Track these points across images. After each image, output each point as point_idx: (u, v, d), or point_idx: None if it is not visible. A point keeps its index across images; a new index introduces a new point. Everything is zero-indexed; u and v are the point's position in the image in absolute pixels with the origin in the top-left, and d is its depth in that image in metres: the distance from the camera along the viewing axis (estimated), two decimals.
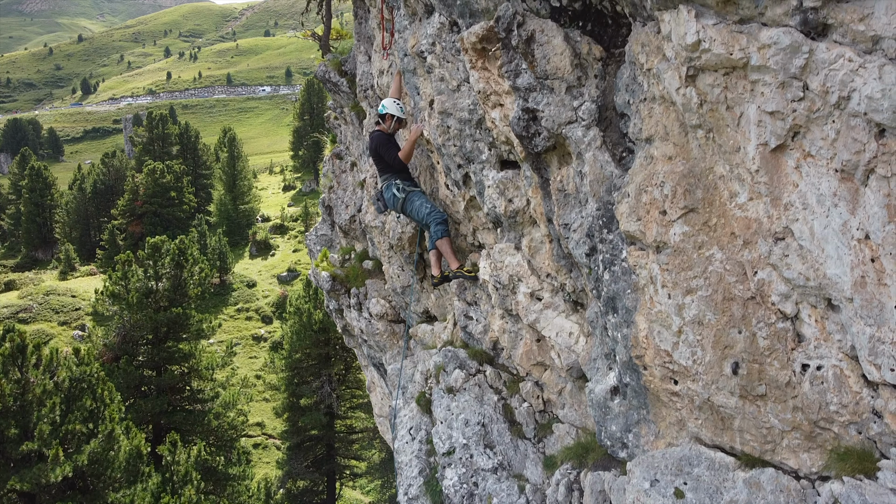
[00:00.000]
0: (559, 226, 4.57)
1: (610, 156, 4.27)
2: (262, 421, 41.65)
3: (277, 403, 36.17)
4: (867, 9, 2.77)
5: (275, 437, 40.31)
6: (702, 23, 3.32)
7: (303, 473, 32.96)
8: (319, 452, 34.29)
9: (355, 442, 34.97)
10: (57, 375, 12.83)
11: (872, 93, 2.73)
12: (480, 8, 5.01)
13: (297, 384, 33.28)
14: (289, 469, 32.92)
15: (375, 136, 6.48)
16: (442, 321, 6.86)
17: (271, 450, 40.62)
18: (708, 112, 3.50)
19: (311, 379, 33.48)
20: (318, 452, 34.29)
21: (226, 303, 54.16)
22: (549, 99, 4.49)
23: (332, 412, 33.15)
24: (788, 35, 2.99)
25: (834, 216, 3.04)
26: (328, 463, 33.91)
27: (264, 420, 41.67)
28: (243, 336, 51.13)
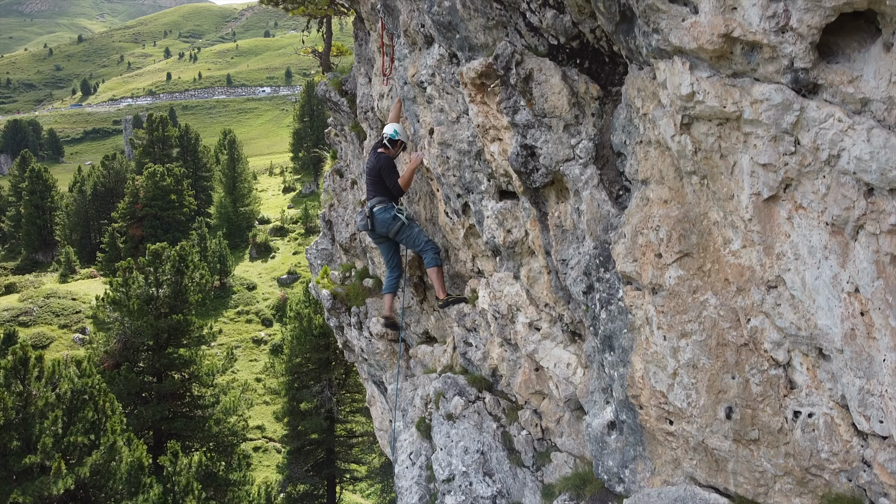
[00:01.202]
0: (557, 261, 4.64)
1: (607, 194, 4.34)
2: (263, 424, 41.73)
3: (278, 407, 36.25)
4: (856, 71, 2.84)
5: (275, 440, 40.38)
6: (696, 75, 3.39)
7: (303, 478, 33.04)
8: (320, 456, 34.36)
9: (355, 446, 35.05)
10: (59, 387, 12.92)
11: (861, 154, 2.80)
12: (479, 43, 5.08)
13: (297, 388, 33.36)
14: (289, 473, 33.00)
15: (383, 157, 6.56)
16: (442, 343, 6.94)
17: (271, 453, 40.70)
18: (702, 159, 3.57)
19: (312, 383, 33.56)
20: (319, 456, 34.37)
21: (226, 305, 54.26)
22: (547, 136, 4.56)
23: (332, 416, 33.23)
24: (780, 93, 3.06)
25: (825, 268, 3.11)
26: (328, 467, 33.98)
27: (265, 423, 41.75)
28: (243, 339, 51.22)
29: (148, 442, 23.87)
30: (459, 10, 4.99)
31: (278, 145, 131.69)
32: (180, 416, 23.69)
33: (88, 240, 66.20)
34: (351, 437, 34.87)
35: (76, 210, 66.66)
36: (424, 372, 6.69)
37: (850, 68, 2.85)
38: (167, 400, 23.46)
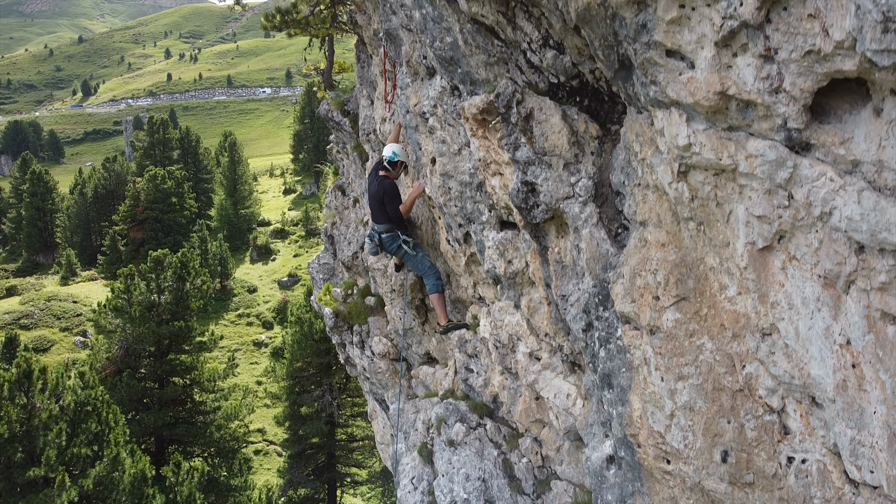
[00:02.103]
0: (557, 296, 4.72)
1: (606, 233, 4.42)
2: (264, 427, 41.86)
3: (279, 411, 36.37)
4: (847, 133, 2.92)
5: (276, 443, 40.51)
6: (692, 127, 3.47)
7: (304, 482, 33.18)
8: (320, 461, 34.50)
9: (356, 450, 35.18)
10: (62, 399, 13.01)
11: (852, 214, 2.88)
12: (481, 78, 5.17)
13: (298, 393, 33.49)
14: (290, 478, 33.13)
15: (386, 183, 6.59)
16: (443, 366, 7.02)
17: (272, 456, 40.83)
18: (699, 207, 3.65)
19: (313, 388, 33.69)
20: (319, 460, 34.51)
21: (227, 308, 54.37)
22: (548, 174, 4.64)
23: (332, 421, 33.35)
24: (774, 150, 3.14)
25: (817, 319, 3.19)
26: (329, 471, 34.12)
27: (265, 426, 41.87)
28: (244, 342, 51.33)
29: (149, 448, 23.96)
30: (461, 46, 5.08)
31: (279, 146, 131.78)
32: (182, 422, 23.77)
33: (89, 242, 66.29)
34: (352, 441, 35.00)
35: (77, 212, 66.76)
36: (426, 395, 6.78)
37: (842, 129, 2.93)
38: (168, 406, 23.54)
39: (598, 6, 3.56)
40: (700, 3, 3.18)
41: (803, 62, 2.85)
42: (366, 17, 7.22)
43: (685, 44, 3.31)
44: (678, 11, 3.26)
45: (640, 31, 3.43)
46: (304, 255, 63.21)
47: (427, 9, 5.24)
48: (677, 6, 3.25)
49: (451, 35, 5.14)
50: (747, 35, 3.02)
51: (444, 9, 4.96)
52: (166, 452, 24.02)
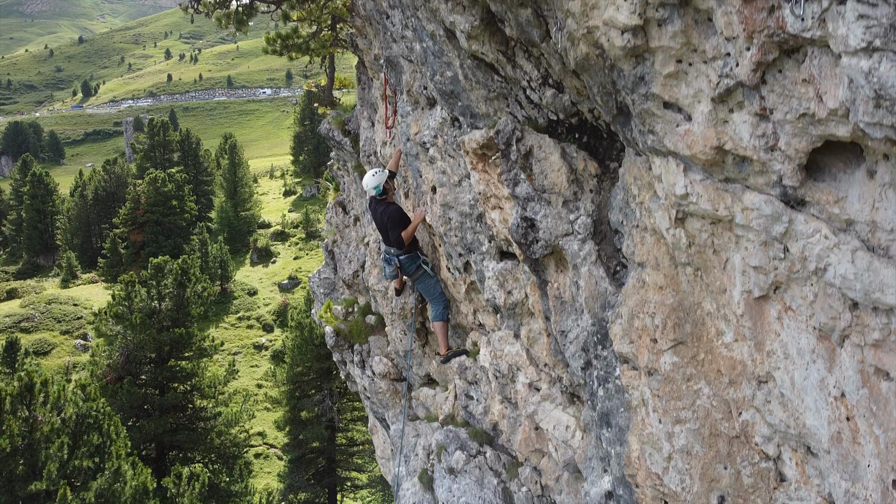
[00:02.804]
0: (556, 331, 4.76)
1: (604, 271, 4.47)
2: (264, 430, 41.88)
3: (279, 416, 36.43)
4: (842, 192, 2.96)
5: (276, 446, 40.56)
6: (690, 177, 3.52)
7: (304, 486, 33.24)
8: (321, 465, 34.57)
9: (356, 454, 35.24)
10: (64, 411, 13.07)
11: (846, 273, 2.92)
12: (481, 112, 5.21)
13: (298, 397, 33.56)
14: (290, 482, 33.19)
15: (391, 210, 6.55)
16: (444, 389, 7.07)
17: (272, 460, 40.86)
18: (696, 253, 3.70)
19: (313, 392, 33.75)
20: (320, 465, 34.57)
21: (227, 311, 54.41)
22: (547, 211, 4.68)
23: (333, 425, 33.42)
24: (770, 205, 3.18)
25: (812, 371, 3.24)
26: (329, 475, 34.18)
27: (266, 429, 41.90)
28: (244, 345, 51.38)
29: (150, 454, 24.02)
30: (462, 80, 5.12)
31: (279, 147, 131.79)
32: (182, 428, 23.83)
33: (90, 244, 66.35)
34: (352, 445, 35.06)
35: (77, 214, 66.82)
36: (427, 419, 6.82)
37: (836, 188, 2.98)
38: (169, 412, 23.60)
39: (596, 57, 3.60)
40: (697, 60, 3.22)
41: (798, 124, 2.89)
42: (366, 42, 7.26)
43: (682, 97, 3.36)
44: (675, 66, 3.30)
45: (637, 82, 3.48)
46: (305, 257, 63.28)
47: (427, 43, 5.29)
48: (675, 61, 3.29)
49: (452, 69, 5.18)
50: (743, 93, 3.07)
51: (445, 44, 5.01)
52: (167, 459, 24.08)
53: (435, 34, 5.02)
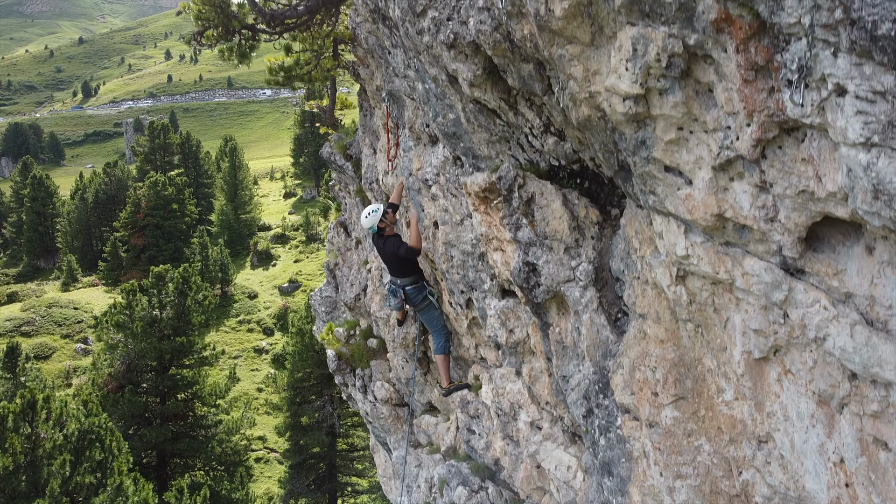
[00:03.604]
0: (558, 376, 4.80)
1: (606, 318, 4.50)
2: (265, 435, 41.91)
3: (279, 421, 36.47)
4: (841, 265, 3.00)
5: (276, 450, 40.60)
6: (690, 239, 3.55)
7: (305, 492, 33.29)
8: (321, 470, 34.62)
9: (357, 459, 35.28)
10: (66, 427, 13.11)
11: (845, 346, 2.96)
12: (483, 154, 5.25)
13: (298, 404, 33.61)
14: (290, 488, 33.25)
15: (393, 242, 6.49)
16: (445, 419, 7.10)
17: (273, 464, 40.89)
18: (697, 311, 3.73)
19: (314, 398, 33.81)
20: (320, 470, 34.62)
21: (227, 314, 54.41)
22: (549, 257, 4.72)
23: (333, 431, 33.48)
24: (770, 272, 3.22)
25: (812, 435, 3.27)
26: (330, 481, 34.23)
27: (266, 433, 41.94)
28: (245, 348, 51.40)
29: (151, 462, 24.06)
30: (464, 123, 5.16)
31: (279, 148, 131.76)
32: (183, 437, 23.87)
33: (90, 247, 66.36)
34: (352, 450, 35.09)
35: (78, 217, 66.85)
36: (429, 450, 6.86)
37: (836, 260, 3.01)
38: (170, 421, 23.64)
39: (598, 119, 3.64)
40: (698, 129, 3.26)
41: (797, 199, 2.93)
42: (368, 72, 7.29)
43: (683, 163, 3.39)
44: (676, 133, 3.34)
45: (639, 146, 3.52)
46: (305, 260, 63.29)
47: (430, 84, 5.33)
48: (675, 128, 3.33)
49: (454, 112, 5.22)
50: (743, 165, 3.10)
51: (447, 88, 5.04)
52: (168, 467, 24.12)
53: (437, 78, 5.06)
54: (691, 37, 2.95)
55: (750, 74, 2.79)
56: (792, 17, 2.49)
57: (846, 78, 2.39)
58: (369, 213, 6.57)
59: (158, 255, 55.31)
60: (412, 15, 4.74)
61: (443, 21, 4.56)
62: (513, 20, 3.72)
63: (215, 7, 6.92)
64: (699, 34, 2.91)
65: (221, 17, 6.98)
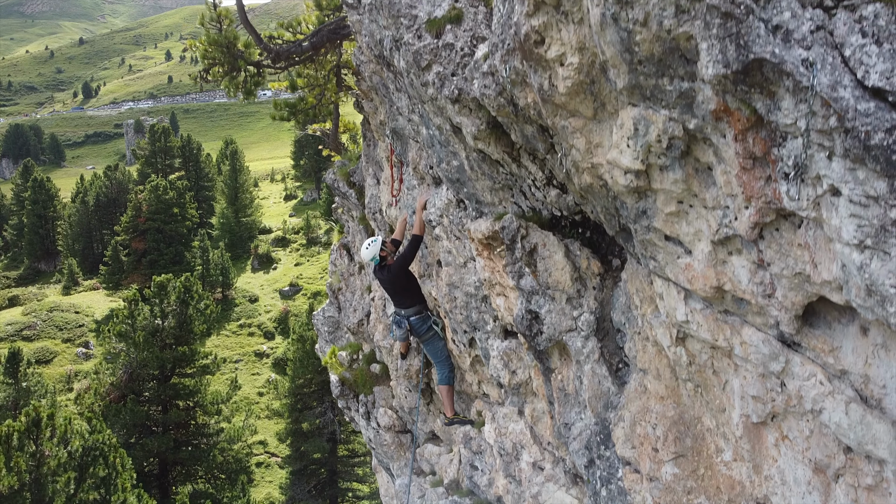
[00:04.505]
0: (560, 423, 4.88)
1: (607, 369, 4.58)
2: (265, 439, 42.00)
3: (280, 427, 36.57)
4: (836, 342, 3.08)
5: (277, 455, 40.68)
6: (690, 306, 3.63)
7: (305, 498, 33.38)
8: (322, 476, 34.71)
9: (358, 465, 35.38)
10: (70, 444, 13.20)
11: (840, 422, 3.04)
12: (486, 200, 5.33)
13: (299, 410, 33.71)
14: (292, 494, 33.34)
15: (394, 267, 6.49)
16: (448, 451, 7.19)
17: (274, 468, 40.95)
18: (696, 372, 3.82)
19: (315, 404, 33.90)
20: (321, 476, 34.71)
21: (228, 318, 54.47)
22: (551, 306, 4.80)
23: (334, 437, 33.58)
24: (767, 344, 3.30)
25: (809, 501, 3.36)
26: (331, 487, 34.33)
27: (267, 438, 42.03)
28: (245, 352, 51.48)
29: (153, 470, 24.15)
30: (467, 170, 5.24)
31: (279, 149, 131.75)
32: (185, 445, 23.97)
33: (91, 250, 66.43)
34: (353, 456, 35.19)
35: (79, 220, 66.93)
36: (432, 483, 6.95)
37: (831, 337, 3.09)
38: (172, 430, 23.73)
39: (599, 187, 3.72)
40: (697, 204, 3.34)
41: (794, 280, 3.01)
42: (372, 106, 7.37)
43: (683, 234, 3.48)
44: (677, 206, 3.42)
45: (640, 215, 3.60)
46: (306, 263, 63.36)
47: (434, 131, 5.41)
48: (676, 202, 3.41)
49: (458, 159, 5.30)
50: (742, 243, 3.19)
51: (451, 136, 5.13)
52: (170, 475, 24.21)
53: (441, 127, 5.14)
54: (691, 121, 3.03)
55: (748, 163, 2.88)
56: (788, 118, 2.57)
57: (840, 181, 2.48)
58: (369, 244, 6.62)
59: (159, 259, 55.40)
60: (417, 68, 4.82)
61: (447, 76, 4.65)
62: (516, 88, 3.81)
63: (221, 47, 7.02)
64: (699, 120, 3.00)
65: (228, 56, 7.08)
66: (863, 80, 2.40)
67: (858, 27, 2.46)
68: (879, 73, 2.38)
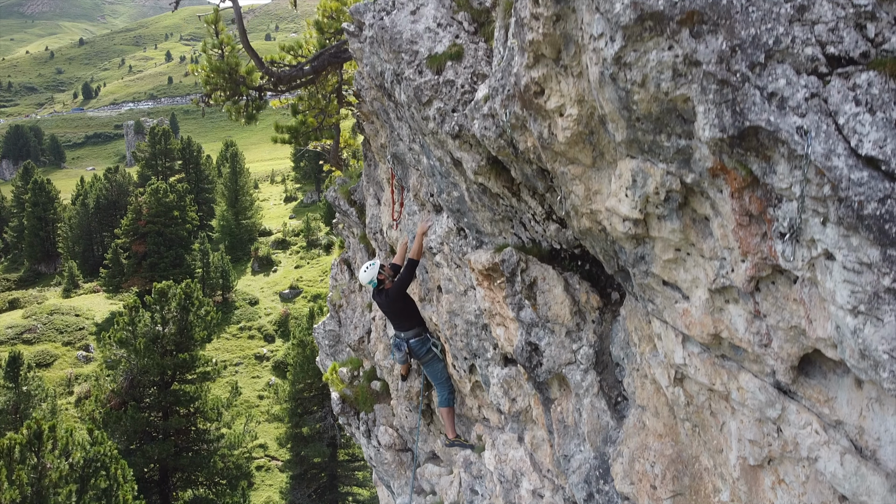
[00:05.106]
0: (559, 454, 4.92)
1: (606, 403, 4.63)
2: (266, 443, 42.04)
3: (281, 432, 36.61)
4: (832, 392, 3.12)
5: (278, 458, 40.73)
6: (688, 350, 3.68)
7: (306, 502, 33.43)
8: (322, 480, 34.76)
9: (358, 470, 35.43)
10: (72, 456, 13.25)
11: (835, 471, 3.09)
12: (486, 231, 5.38)
13: (300, 415, 33.76)
14: (292, 499, 33.40)
15: (392, 291, 6.50)
16: (448, 472, 7.23)
17: (274, 472, 40.97)
18: (694, 412, 3.86)
19: (315, 409, 33.95)
20: (321, 480, 34.76)
21: (228, 321, 54.48)
22: (550, 339, 4.84)
23: (334, 442, 33.63)
24: (764, 392, 3.34)
25: None
26: (331, 491, 34.38)
27: (267, 441, 42.07)
28: (246, 355, 51.49)
29: (153, 476, 24.19)
30: (468, 202, 5.29)
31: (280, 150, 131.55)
32: (186, 452, 24.02)
33: (91, 252, 66.47)
34: (354, 461, 35.24)
35: (79, 222, 66.98)
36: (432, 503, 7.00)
37: (827, 388, 3.14)
38: (173, 436, 23.78)
39: (598, 231, 3.77)
40: (695, 252, 3.38)
41: (790, 332, 3.06)
42: (373, 128, 7.42)
43: (681, 281, 3.52)
44: (674, 254, 3.46)
45: (638, 260, 3.64)
46: (306, 266, 63.38)
47: (434, 162, 5.45)
48: (673, 249, 3.45)
49: (458, 190, 5.34)
50: (738, 293, 3.23)
51: (452, 168, 5.17)
52: (170, 481, 24.26)
53: (442, 159, 5.18)
54: (688, 176, 3.08)
55: (744, 219, 2.92)
56: (783, 182, 2.62)
57: (835, 247, 2.52)
58: (367, 267, 6.64)
59: (160, 262, 55.40)
60: (418, 103, 4.86)
61: (448, 112, 4.69)
62: (516, 132, 3.85)
63: (223, 73, 7.07)
64: (696, 175, 3.04)
65: (230, 82, 7.13)
66: (856, 148, 2.44)
67: (852, 95, 2.50)
68: (872, 141, 2.42)
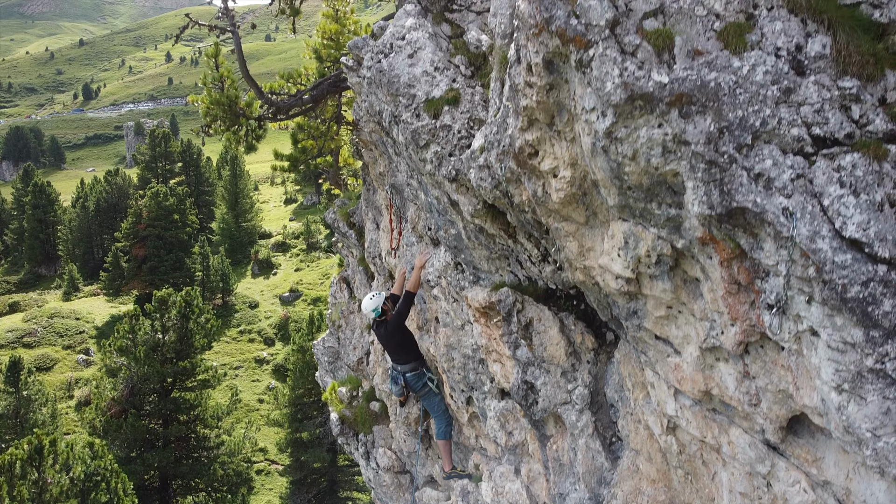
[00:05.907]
0: (554, 493, 4.99)
1: (601, 443, 4.69)
2: (265, 447, 42.09)
3: (281, 437, 36.67)
4: (819, 452, 3.18)
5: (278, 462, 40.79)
6: (680, 402, 3.74)
7: None
8: (322, 485, 34.83)
9: (358, 474, 35.49)
10: (73, 470, 13.31)
11: None
12: (483, 268, 5.44)
13: (299, 420, 33.82)
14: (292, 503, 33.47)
15: (391, 324, 6.49)
16: (446, 498, 7.29)
17: (274, 476, 41.01)
18: (686, 461, 3.92)
19: (315, 414, 34.01)
20: (321, 486, 34.83)
21: (228, 324, 54.51)
22: (546, 378, 4.91)
23: (334, 447, 33.67)
24: (754, 448, 3.41)
25: None
26: (331, 496, 34.44)
27: (267, 445, 42.13)
28: (245, 359, 51.54)
29: (153, 483, 24.25)
30: (465, 239, 5.35)
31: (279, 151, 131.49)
32: (186, 459, 24.08)
33: (91, 255, 66.53)
34: (353, 466, 35.28)
35: (79, 225, 67.04)
36: None
37: (815, 448, 3.20)
38: (173, 443, 23.84)
39: (592, 285, 3.83)
40: (686, 311, 3.45)
41: (778, 395, 3.12)
42: (372, 156, 7.47)
43: (672, 337, 3.58)
44: (666, 311, 3.53)
45: (631, 315, 3.70)
46: (306, 269, 63.44)
47: (432, 199, 5.51)
48: (665, 307, 3.51)
49: (455, 228, 5.41)
50: (728, 354, 3.29)
51: (449, 208, 5.23)
52: (170, 488, 24.32)
53: (440, 199, 5.25)
54: (679, 241, 3.14)
55: (733, 287, 2.98)
56: (770, 259, 2.68)
57: (819, 325, 2.58)
58: (372, 296, 6.68)
59: (160, 265, 55.43)
60: (415, 145, 4.93)
61: (445, 156, 4.75)
62: (511, 185, 3.91)
63: (223, 106, 7.13)
64: (686, 241, 3.10)
65: (229, 114, 7.19)
66: (840, 230, 2.50)
67: (837, 176, 2.57)
68: (856, 224, 2.48)
